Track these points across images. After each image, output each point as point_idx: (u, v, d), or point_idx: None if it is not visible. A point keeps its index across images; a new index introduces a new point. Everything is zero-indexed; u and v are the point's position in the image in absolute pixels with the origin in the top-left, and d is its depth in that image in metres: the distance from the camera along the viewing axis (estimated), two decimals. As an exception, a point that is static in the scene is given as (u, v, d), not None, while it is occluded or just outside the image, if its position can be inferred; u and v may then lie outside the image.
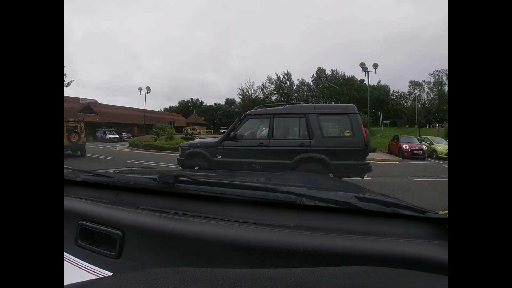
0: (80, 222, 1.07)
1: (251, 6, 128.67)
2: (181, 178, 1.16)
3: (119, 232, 0.97)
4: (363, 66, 24.88)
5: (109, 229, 1.00)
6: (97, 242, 1.02)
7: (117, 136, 33.42)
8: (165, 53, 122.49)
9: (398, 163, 14.23)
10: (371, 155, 16.38)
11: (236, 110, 66.78)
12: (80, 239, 1.05)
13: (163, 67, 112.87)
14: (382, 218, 0.94)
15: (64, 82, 17.98)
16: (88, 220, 1.06)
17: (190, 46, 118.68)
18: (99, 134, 34.27)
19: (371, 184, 8.01)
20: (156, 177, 1.18)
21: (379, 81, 57.81)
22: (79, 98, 32.50)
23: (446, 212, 0.69)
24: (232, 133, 6.38)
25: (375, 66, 24.67)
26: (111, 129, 35.05)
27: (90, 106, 41.02)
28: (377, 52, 79.75)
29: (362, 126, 6.02)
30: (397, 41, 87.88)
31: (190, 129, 43.15)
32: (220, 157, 6.33)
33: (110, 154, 16.67)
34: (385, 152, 19.15)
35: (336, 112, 6.42)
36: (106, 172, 1.58)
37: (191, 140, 13.36)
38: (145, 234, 0.95)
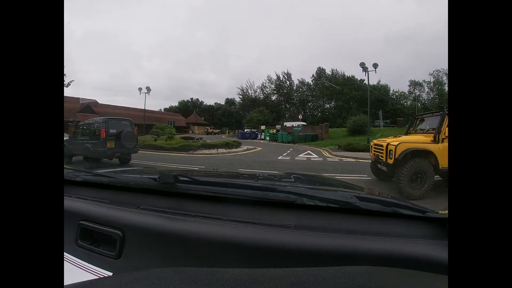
0: (80, 222, 1.07)
1: (250, 5, 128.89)
2: (181, 178, 1.15)
3: (119, 232, 0.98)
4: (363, 66, 24.72)
5: (109, 229, 1.00)
6: (97, 242, 1.02)
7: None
8: (164, 52, 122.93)
9: None
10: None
11: (237, 109, 67.10)
12: (80, 239, 1.05)
13: (163, 66, 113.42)
14: (382, 217, 0.94)
15: (64, 82, 17.94)
16: (88, 220, 1.07)
17: (189, 45, 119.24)
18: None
19: (371, 183, 8.20)
20: (156, 177, 1.18)
21: (379, 81, 57.92)
22: (79, 98, 32.48)
23: (446, 211, 0.69)
24: (73, 134, 12.78)
25: (375, 65, 24.50)
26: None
27: (90, 106, 41.18)
28: (378, 51, 79.86)
29: (103, 130, 11.03)
30: (398, 40, 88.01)
31: (210, 129, 57.10)
32: (70, 146, 12.19)
33: (110, 154, 16.67)
34: None
35: (99, 122, 11.68)
36: (106, 172, 1.58)
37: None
38: (145, 234, 0.95)
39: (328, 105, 65.19)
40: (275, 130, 39.25)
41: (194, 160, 13.57)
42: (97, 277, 0.91)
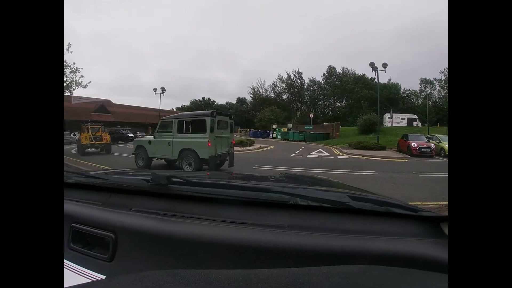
0: (72, 224, 1.06)
1: (259, 3, 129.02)
2: (173, 179, 1.16)
3: (112, 235, 0.97)
4: (372, 65, 24.69)
5: (101, 232, 1.00)
6: (90, 245, 1.02)
7: (131, 135, 34.04)
8: (174, 52, 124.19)
9: (406, 160, 14.35)
10: (380, 153, 16.72)
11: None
12: (72, 242, 1.04)
13: (173, 66, 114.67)
14: (376, 217, 0.95)
15: (82, 83, 18.74)
16: (80, 222, 1.06)
17: (198, 44, 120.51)
18: (114, 132, 34.78)
19: (378, 178, 8.55)
20: (149, 178, 1.17)
21: (390, 79, 57.59)
22: (92, 98, 33.30)
23: (446, 203, 0.67)
24: None
25: (385, 65, 24.23)
26: (125, 128, 35.53)
27: (104, 106, 41.56)
28: (389, 49, 79.24)
29: None
30: (409, 37, 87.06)
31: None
32: None
33: (126, 151, 16.74)
34: (394, 150, 19.09)
35: None
36: (98, 173, 1.56)
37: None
38: (138, 236, 0.95)
39: (339, 104, 65.19)
40: (286, 128, 39.38)
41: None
42: (90, 281, 0.91)
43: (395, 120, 39.71)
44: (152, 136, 10.19)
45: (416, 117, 41.18)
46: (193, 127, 9.03)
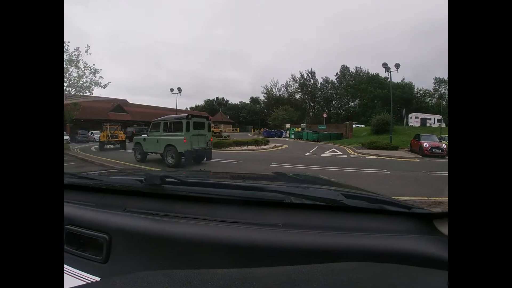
0: (66, 226, 1.04)
1: (271, 2, 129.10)
2: (167, 179, 1.15)
3: (106, 236, 0.96)
4: (385, 66, 24.40)
5: (95, 233, 0.98)
6: (84, 247, 1.01)
7: (148, 133, 34.30)
8: (188, 52, 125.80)
9: (417, 160, 14.41)
10: (392, 153, 16.78)
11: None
12: (66, 244, 1.02)
13: (186, 66, 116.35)
14: (369, 214, 0.95)
15: (101, 84, 19.28)
16: (74, 224, 1.04)
17: (212, 44, 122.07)
18: (130, 130, 35.12)
19: (389, 176, 8.87)
20: (142, 178, 1.17)
21: (403, 79, 57.02)
22: (108, 97, 33.90)
23: (446, 198, 0.65)
24: None
25: (397, 66, 23.85)
26: (142, 127, 36.07)
27: (120, 106, 42.52)
28: (403, 47, 78.41)
29: None
30: (423, 35, 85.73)
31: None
32: None
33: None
34: (407, 150, 19.01)
35: None
36: (91, 174, 1.54)
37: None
38: (132, 237, 0.94)
39: (352, 103, 64.95)
40: (300, 128, 39.08)
41: (230, 155, 14.30)
42: (85, 283, 0.90)
43: (421, 120, 39.54)
44: (146, 135, 12.41)
45: (441, 117, 39.85)
46: (174, 127, 11.10)
